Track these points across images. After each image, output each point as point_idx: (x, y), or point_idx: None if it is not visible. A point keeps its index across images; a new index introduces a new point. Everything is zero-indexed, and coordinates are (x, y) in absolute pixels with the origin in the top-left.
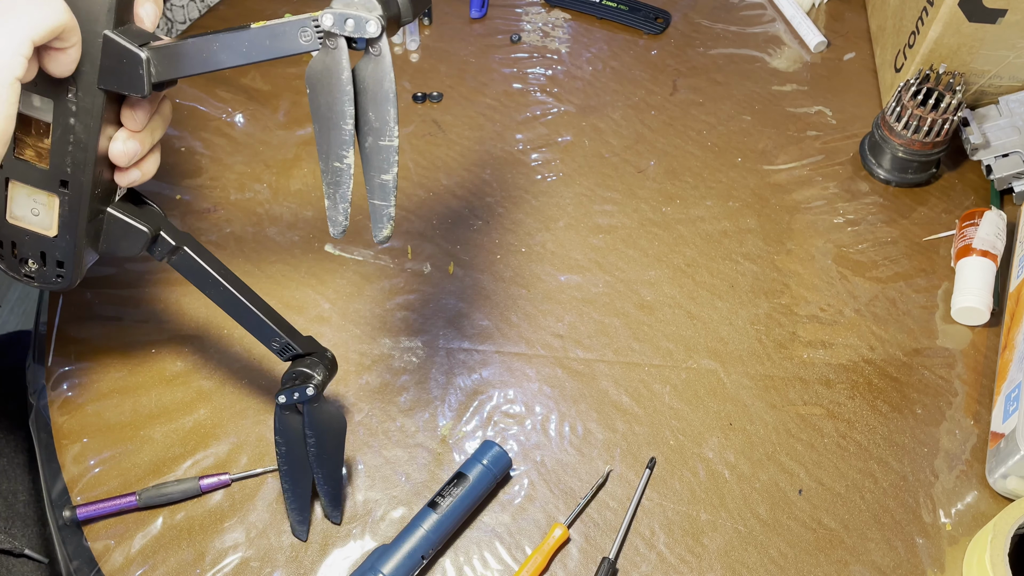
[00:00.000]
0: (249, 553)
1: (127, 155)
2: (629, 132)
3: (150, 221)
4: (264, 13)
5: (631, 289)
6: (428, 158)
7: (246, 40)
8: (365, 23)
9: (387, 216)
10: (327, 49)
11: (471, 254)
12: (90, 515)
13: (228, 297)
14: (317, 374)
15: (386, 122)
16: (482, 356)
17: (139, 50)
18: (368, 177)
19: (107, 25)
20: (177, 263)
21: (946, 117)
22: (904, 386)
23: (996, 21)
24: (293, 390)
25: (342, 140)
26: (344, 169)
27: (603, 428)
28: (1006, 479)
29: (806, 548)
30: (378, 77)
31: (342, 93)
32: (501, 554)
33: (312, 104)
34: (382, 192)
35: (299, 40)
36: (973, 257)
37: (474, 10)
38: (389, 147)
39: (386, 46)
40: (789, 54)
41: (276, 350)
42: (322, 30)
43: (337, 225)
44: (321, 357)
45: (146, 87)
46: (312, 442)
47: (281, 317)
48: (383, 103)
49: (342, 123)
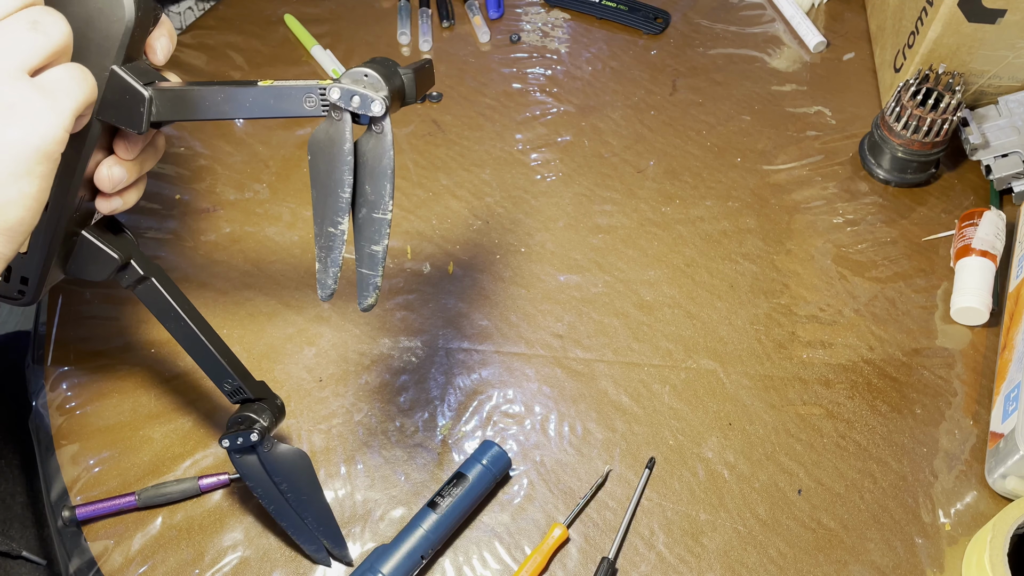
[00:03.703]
0: (248, 553)
1: (112, 181)
2: (629, 132)
3: (122, 249)
4: (264, 14)
5: (630, 289)
6: (428, 158)
7: (251, 96)
8: (371, 102)
9: (373, 285)
10: (332, 120)
11: (471, 254)
12: (89, 515)
13: (187, 333)
14: (262, 419)
15: (382, 196)
16: (481, 356)
17: (144, 89)
18: (359, 246)
19: (116, 60)
20: (142, 292)
21: (945, 117)
22: (903, 386)
23: (995, 21)
24: (237, 435)
25: (338, 207)
26: (338, 235)
27: (602, 428)
28: (1005, 479)
29: (805, 548)
30: (378, 153)
31: (343, 163)
32: (500, 554)
33: (312, 169)
34: (371, 262)
35: (303, 105)
36: (972, 257)
37: (492, 11)
38: (382, 220)
39: (389, 124)
40: (789, 54)
41: (227, 391)
42: (328, 102)
43: (326, 288)
44: (270, 403)
45: (144, 125)
46: (284, 487)
47: (237, 360)
48: (380, 178)
49: (340, 191)
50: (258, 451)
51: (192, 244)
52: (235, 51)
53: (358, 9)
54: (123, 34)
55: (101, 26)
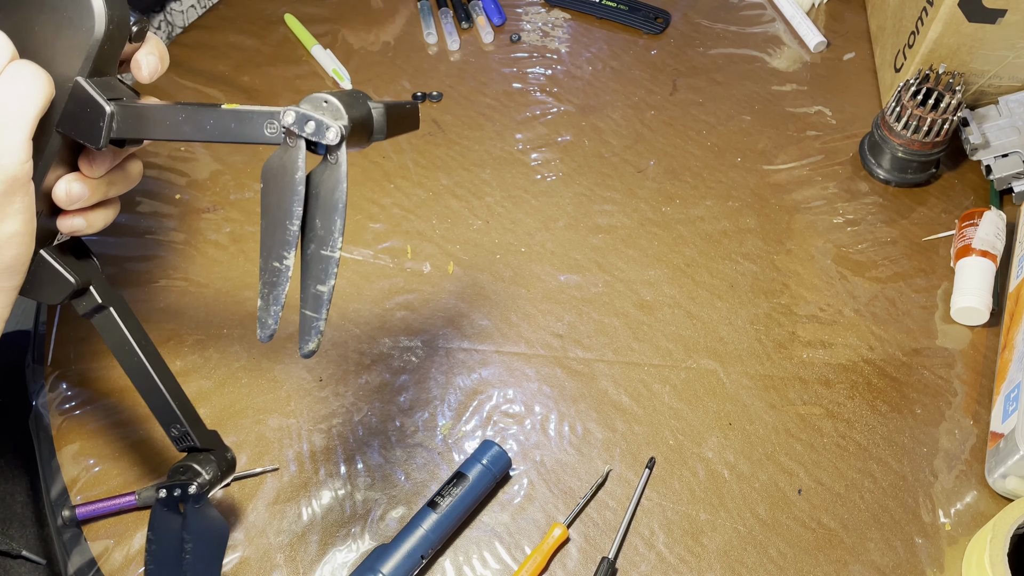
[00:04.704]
0: (248, 553)
1: (70, 197)
2: (629, 132)
3: (81, 273)
4: (264, 14)
5: (631, 289)
6: (428, 158)
7: (212, 118)
8: (325, 129)
9: (316, 329)
10: (286, 146)
11: (471, 254)
12: (89, 514)
13: (140, 370)
14: (206, 472)
15: (331, 232)
16: (482, 356)
17: (106, 103)
18: (304, 285)
19: (81, 72)
20: (99, 322)
21: (946, 117)
22: (903, 386)
23: (996, 21)
24: (176, 485)
25: (285, 240)
26: (283, 270)
27: (602, 428)
28: (1005, 479)
29: (805, 548)
30: (330, 185)
31: (292, 193)
32: (500, 554)
33: (263, 198)
34: (315, 303)
35: (264, 131)
36: (973, 257)
37: (494, 18)
38: (330, 258)
39: (344, 156)
40: (789, 54)
41: (173, 437)
42: (284, 127)
43: (266, 328)
44: (219, 456)
45: (102, 140)
46: (189, 548)
47: (190, 405)
48: (331, 212)
49: (288, 223)
50: (187, 505)
51: (192, 244)
52: (235, 51)
53: (358, 9)
54: (90, 46)
55: (68, 35)
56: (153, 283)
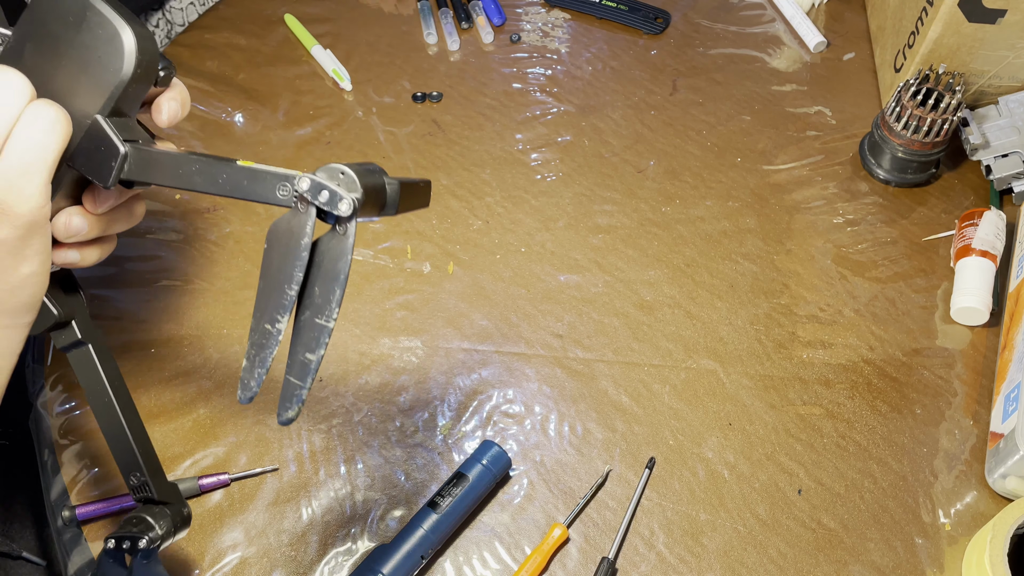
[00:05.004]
0: (248, 553)
1: (68, 230)
2: (629, 132)
3: (64, 306)
4: (264, 14)
5: (630, 289)
6: (428, 158)
7: (225, 173)
8: (339, 200)
9: (298, 398)
10: (296, 211)
11: (471, 254)
12: (90, 515)
13: (109, 412)
14: (159, 526)
15: (329, 301)
16: (481, 356)
17: (121, 144)
18: (293, 351)
19: (103, 111)
20: (75, 357)
21: (946, 117)
22: (903, 386)
23: (996, 21)
24: (126, 536)
25: (281, 304)
26: (273, 334)
27: (602, 428)
28: (1005, 479)
29: (805, 548)
30: (335, 256)
31: (296, 258)
32: (500, 554)
33: (265, 259)
34: (301, 371)
35: (276, 192)
36: (972, 257)
37: (494, 18)
38: (324, 327)
39: (353, 228)
40: (789, 54)
41: (132, 486)
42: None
43: (248, 390)
44: (175, 511)
45: (112, 180)
46: None
47: (154, 455)
48: (332, 282)
49: (287, 287)
50: (134, 559)
51: (192, 244)
52: (235, 51)
53: (358, 9)
54: (115, 86)
55: (95, 73)
56: (153, 283)
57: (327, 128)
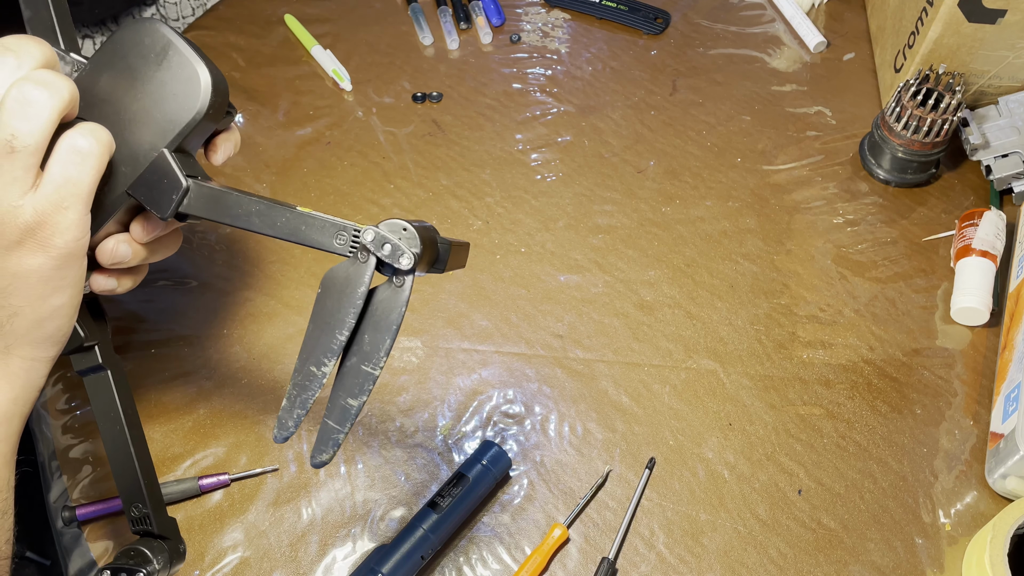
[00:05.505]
0: (248, 553)
1: (115, 257)
2: (629, 132)
3: (91, 331)
4: (264, 14)
5: (631, 289)
6: (428, 158)
7: (284, 217)
8: (400, 255)
9: (334, 442)
10: (355, 260)
11: (471, 254)
12: (90, 515)
13: (119, 441)
14: (156, 561)
15: (378, 350)
16: (482, 356)
17: (184, 178)
18: (334, 395)
19: (170, 145)
20: (91, 382)
21: (946, 117)
22: (903, 386)
23: (995, 21)
24: (122, 569)
25: (330, 347)
26: (318, 376)
27: (602, 428)
28: (1005, 479)
29: (805, 548)
30: (389, 307)
31: (351, 305)
32: (501, 554)
33: (317, 304)
34: (342, 416)
35: (333, 241)
36: (973, 257)
37: (493, 19)
38: (370, 374)
39: (410, 282)
40: (789, 54)
41: (132, 518)
42: (359, 242)
43: (285, 430)
44: (172, 546)
45: (170, 212)
46: None
47: (158, 488)
48: (384, 331)
49: (338, 332)
50: None
51: (192, 244)
52: (235, 51)
53: (358, 9)
54: (186, 124)
55: (169, 109)
56: (153, 283)
57: (327, 128)
